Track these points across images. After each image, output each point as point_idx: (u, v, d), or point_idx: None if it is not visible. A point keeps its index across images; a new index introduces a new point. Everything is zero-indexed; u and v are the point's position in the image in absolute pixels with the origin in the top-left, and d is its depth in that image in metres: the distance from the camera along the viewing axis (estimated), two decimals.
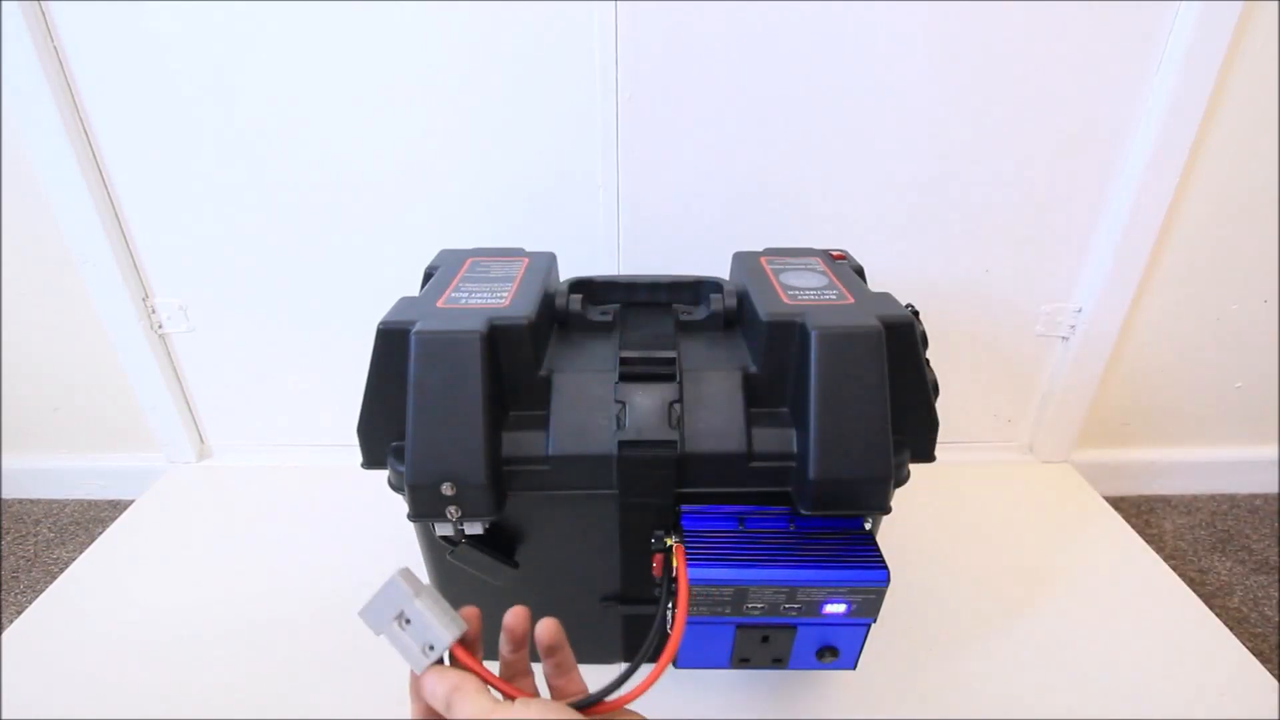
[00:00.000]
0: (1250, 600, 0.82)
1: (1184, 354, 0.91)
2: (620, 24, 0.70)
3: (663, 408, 0.48)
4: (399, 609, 0.33)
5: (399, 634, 0.34)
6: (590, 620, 0.58)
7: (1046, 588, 0.73)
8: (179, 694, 0.62)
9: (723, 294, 0.59)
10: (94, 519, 0.96)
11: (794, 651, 0.50)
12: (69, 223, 0.78)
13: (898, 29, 0.70)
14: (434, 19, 0.70)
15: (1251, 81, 0.73)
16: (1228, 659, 0.66)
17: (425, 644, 0.33)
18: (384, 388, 0.49)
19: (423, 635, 0.33)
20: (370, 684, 0.62)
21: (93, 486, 0.99)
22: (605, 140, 0.75)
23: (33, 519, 0.96)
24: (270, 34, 0.71)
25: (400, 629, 0.34)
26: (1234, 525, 0.95)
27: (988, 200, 0.79)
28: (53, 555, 0.89)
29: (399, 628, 0.34)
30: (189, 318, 0.86)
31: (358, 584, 0.72)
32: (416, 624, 0.33)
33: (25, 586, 0.84)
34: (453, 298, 0.53)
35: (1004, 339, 0.89)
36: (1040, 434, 0.94)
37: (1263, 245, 0.83)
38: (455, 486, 0.46)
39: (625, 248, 0.81)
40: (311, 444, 0.94)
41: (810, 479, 0.46)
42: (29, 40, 0.69)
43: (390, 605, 0.34)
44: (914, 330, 0.50)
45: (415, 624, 0.33)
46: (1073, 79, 0.73)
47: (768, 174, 0.78)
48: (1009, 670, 0.64)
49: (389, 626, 0.34)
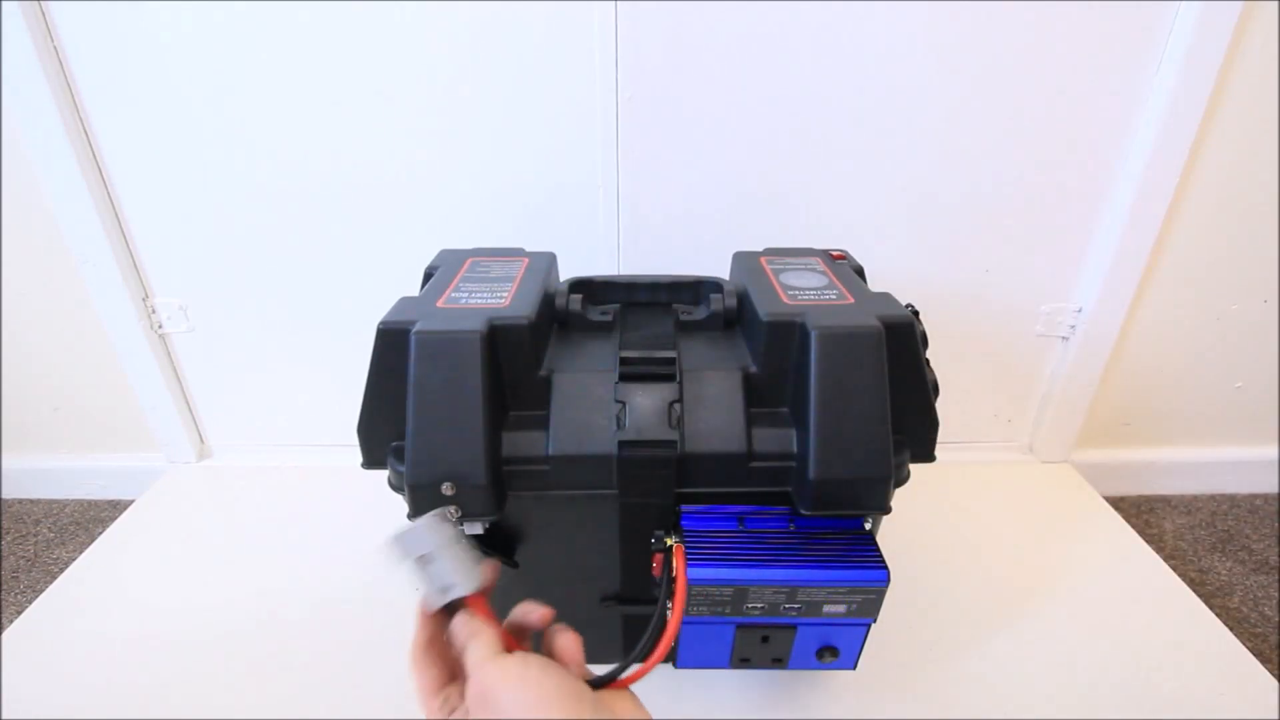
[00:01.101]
0: (1250, 600, 0.82)
1: (1184, 354, 0.91)
2: (620, 24, 0.70)
3: (663, 408, 0.48)
4: (430, 548, 0.36)
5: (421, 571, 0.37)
6: (590, 620, 0.58)
7: (1046, 588, 0.73)
8: (179, 694, 0.62)
9: (723, 294, 0.59)
10: (94, 519, 0.96)
11: (794, 651, 0.50)
12: (69, 223, 0.78)
13: (898, 29, 0.70)
14: (434, 19, 0.70)
15: (1251, 81, 0.73)
16: (1228, 659, 0.66)
17: (443, 586, 0.36)
18: (384, 388, 0.49)
19: (441, 578, 0.36)
20: (370, 684, 0.62)
21: (93, 486, 0.99)
22: (605, 140, 0.75)
23: (33, 519, 0.96)
24: (270, 34, 0.71)
25: (422, 567, 0.37)
26: (1234, 525, 0.94)
27: (988, 200, 0.79)
28: (53, 555, 0.89)
29: (422, 565, 0.37)
30: (189, 318, 0.86)
31: (358, 584, 0.72)
32: (439, 567, 0.36)
33: (25, 586, 0.84)
34: (453, 298, 0.53)
35: (1004, 339, 0.89)
36: (1040, 434, 0.94)
37: (1263, 245, 0.83)
38: (455, 486, 0.46)
39: (625, 248, 0.81)
40: (311, 444, 0.94)
41: (810, 479, 0.46)
42: (29, 40, 0.69)
43: (422, 543, 0.37)
44: (914, 330, 0.50)
45: (438, 566, 0.36)
46: (1073, 79, 0.73)
47: (768, 174, 0.78)
48: (1009, 670, 0.64)
49: (414, 561, 0.37)
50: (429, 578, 0.37)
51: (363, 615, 0.69)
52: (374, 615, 0.69)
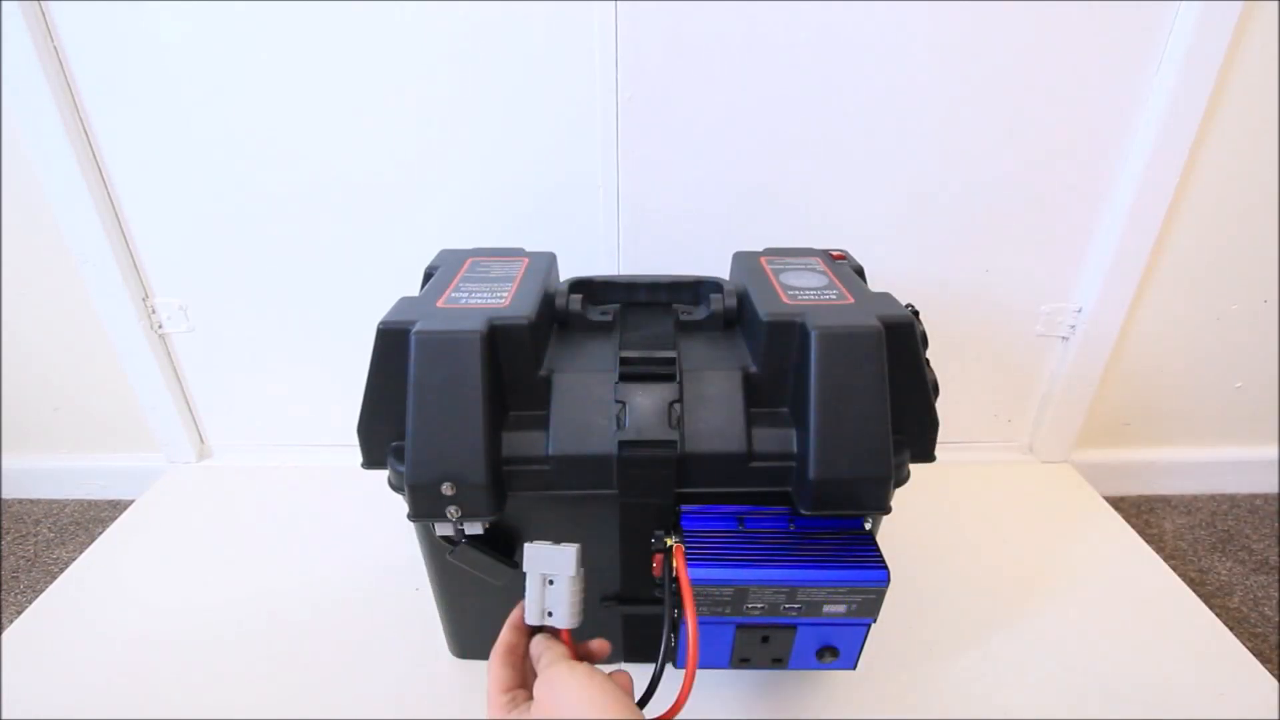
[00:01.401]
0: (1250, 600, 0.82)
1: (1184, 354, 0.91)
2: (620, 24, 0.70)
3: (663, 408, 0.48)
4: (557, 572, 0.40)
5: (538, 585, 0.41)
6: (590, 620, 0.58)
7: (1046, 588, 0.73)
8: (179, 694, 0.61)
9: (723, 294, 0.59)
10: (94, 519, 0.96)
11: (794, 651, 0.50)
12: (69, 223, 0.78)
13: (898, 28, 0.70)
14: (434, 19, 0.70)
15: (1251, 81, 0.73)
16: (1228, 659, 0.66)
17: (546, 609, 0.41)
18: (384, 388, 0.49)
19: (551, 602, 0.40)
20: (370, 684, 0.62)
21: (93, 486, 0.99)
22: (605, 140, 0.75)
23: (33, 519, 0.96)
24: (270, 34, 0.71)
25: (543, 584, 0.41)
26: (1234, 525, 0.94)
27: (988, 200, 0.79)
28: (53, 555, 0.89)
29: (543, 583, 0.41)
30: (189, 318, 0.86)
31: (358, 584, 0.72)
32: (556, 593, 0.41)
33: (25, 586, 0.84)
34: (453, 298, 0.53)
35: (1004, 339, 0.89)
36: (1040, 434, 0.94)
37: (1263, 245, 0.83)
38: (455, 486, 0.46)
39: (625, 248, 0.81)
40: (311, 444, 0.94)
41: (810, 479, 0.46)
42: (29, 40, 0.69)
43: (552, 564, 0.40)
44: (914, 330, 0.50)
45: (555, 592, 0.41)
46: (1073, 79, 0.73)
47: (768, 174, 0.78)
48: (1009, 670, 0.64)
49: (536, 576, 0.41)
50: (542, 596, 0.40)
51: (363, 615, 0.69)
52: (374, 615, 0.69)
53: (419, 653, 0.65)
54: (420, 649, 0.65)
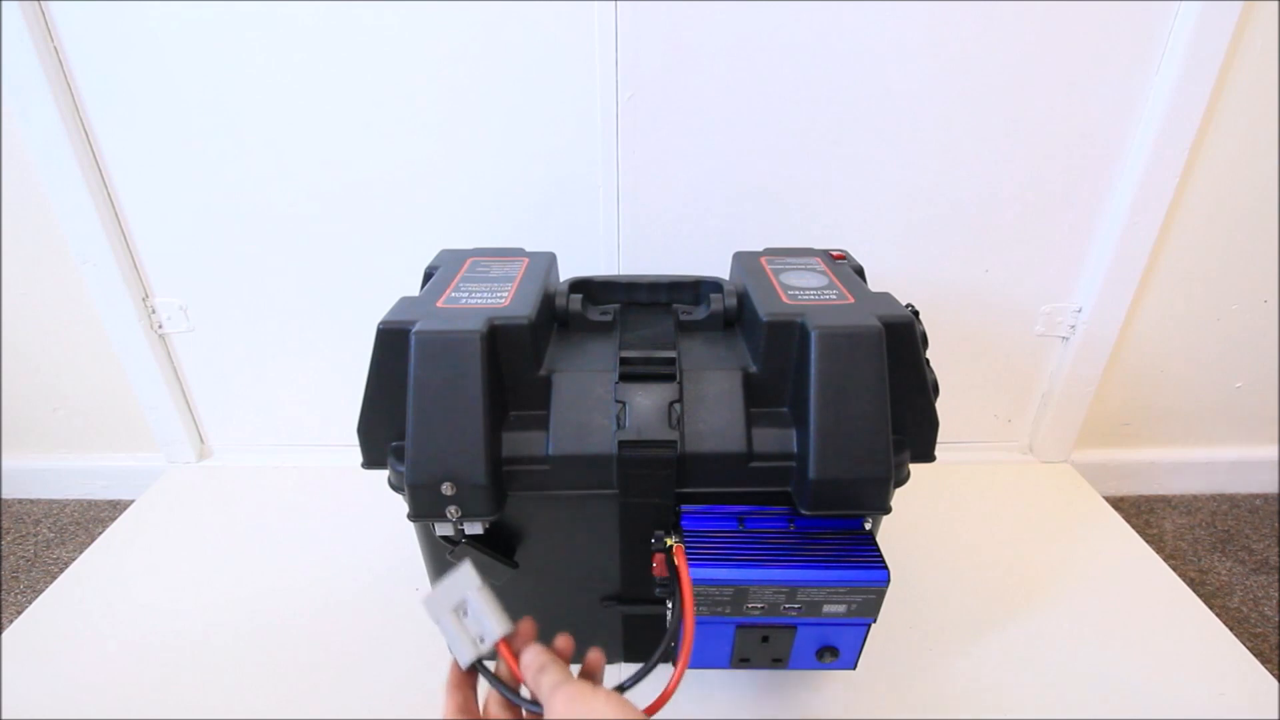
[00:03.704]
0: (1250, 600, 0.82)
1: (1184, 354, 0.91)
2: (620, 24, 0.70)
3: (663, 408, 0.48)
4: (462, 597, 0.37)
5: (454, 623, 0.37)
6: (590, 620, 0.58)
7: (1046, 588, 0.73)
8: (179, 694, 0.61)
9: (723, 294, 0.59)
10: (94, 519, 0.96)
11: (794, 651, 0.50)
12: (69, 223, 0.78)
13: (897, 29, 0.70)
14: (434, 19, 0.70)
15: (1251, 81, 0.73)
16: (1228, 659, 0.66)
17: (478, 635, 0.37)
18: (384, 388, 0.49)
19: (477, 626, 0.37)
20: (370, 684, 0.62)
21: (93, 486, 0.99)
22: (605, 140, 0.75)
23: (33, 519, 0.96)
24: (270, 34, 0.70)
25: (458, 618, 0.37)
26: (1234, 525, 0.95)
27: (988, 200, 0.79)
28: (53, 555, 0.89)
29: (457, 617, 0.37)
30: (189, 318, 0.86)
31: (358, 584, 0.72)
32: (474, 614, 0.37)
33: (25, 586, 0.84)
34: (453, 298, 0.53)
35: (1004, 339, 0.89)
36: (1040, 434, 0.94)
37: (1263, 245, 0.83)
38: (455, 486, 0.46)
39: (625, 248, 0.81)
40: (311, 444, 0.94)
41: (810, 479, 0.46)
42: (29, 40, 0.69)
43: (455, 592, 0.37)
44: (914, 330, 0.50)
45: (473, 614, 0.37)
46: (1073, 79, 0.73)
47: (768, 174, 0.78)
48: (1009, 670, 0.64)
49: (447, 615, 0.37)
50: (464, 630, 0.37)
51: (363, 615, 0.69)
52: (374, 615, 0.69)
53: (419, 653, 0.65)
54: (420, 649, 0.65)
